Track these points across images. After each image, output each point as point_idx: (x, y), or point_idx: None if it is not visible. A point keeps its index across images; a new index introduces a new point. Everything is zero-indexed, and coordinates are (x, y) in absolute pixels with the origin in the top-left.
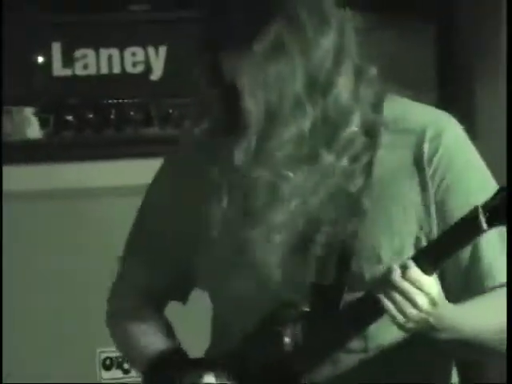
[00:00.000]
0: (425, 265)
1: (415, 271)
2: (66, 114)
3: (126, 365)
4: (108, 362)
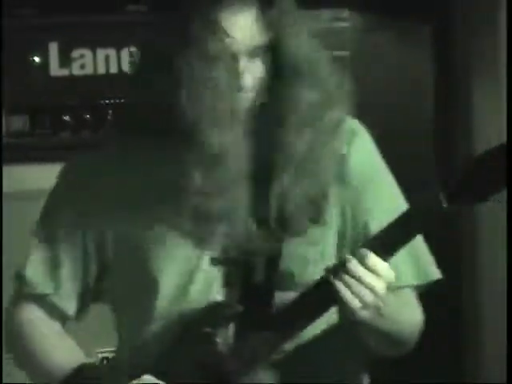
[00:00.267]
0: (380, 251)
1: (373, 257)
2: (63, 115)
3: None
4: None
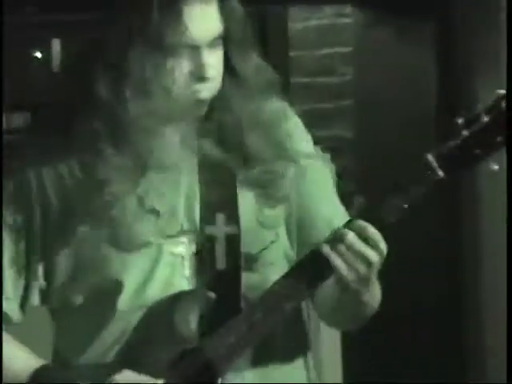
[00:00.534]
0: (375, 221)
1: (370, 229)
2: None
3: None
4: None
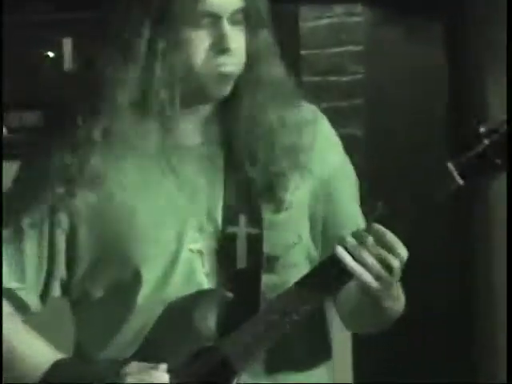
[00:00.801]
0: (394, 227)
1: (389, 234)
2: None
3: None
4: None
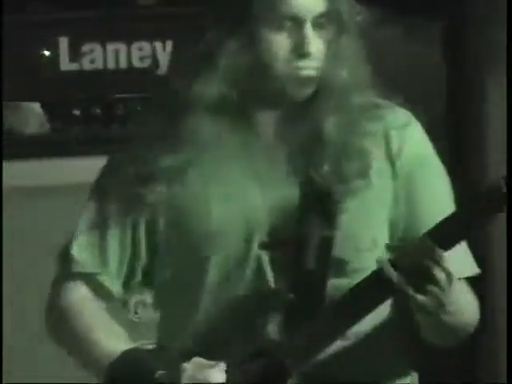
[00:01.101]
0: (441, 240)
1: (438, 250)
2: (73, 109)
3: None
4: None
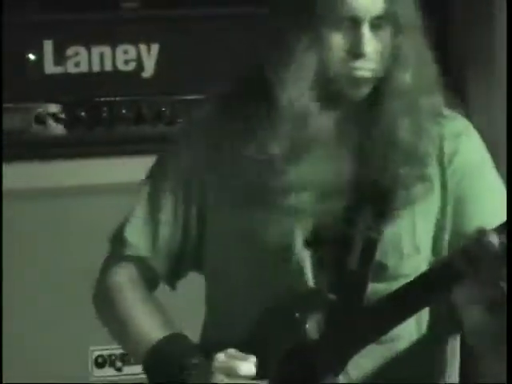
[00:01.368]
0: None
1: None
2: (58, 112)
3: (119, 363)
4: (100, 360)
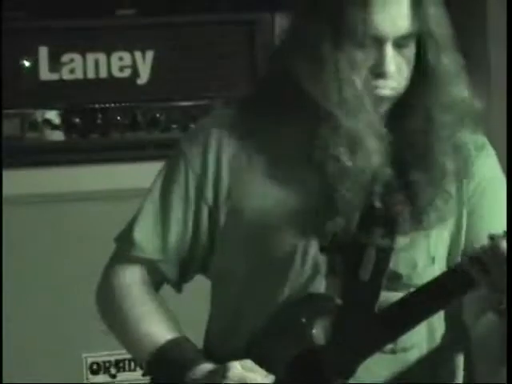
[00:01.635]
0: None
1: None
2: (53, 119)
3: (113, 369)
4: (95, 367)
